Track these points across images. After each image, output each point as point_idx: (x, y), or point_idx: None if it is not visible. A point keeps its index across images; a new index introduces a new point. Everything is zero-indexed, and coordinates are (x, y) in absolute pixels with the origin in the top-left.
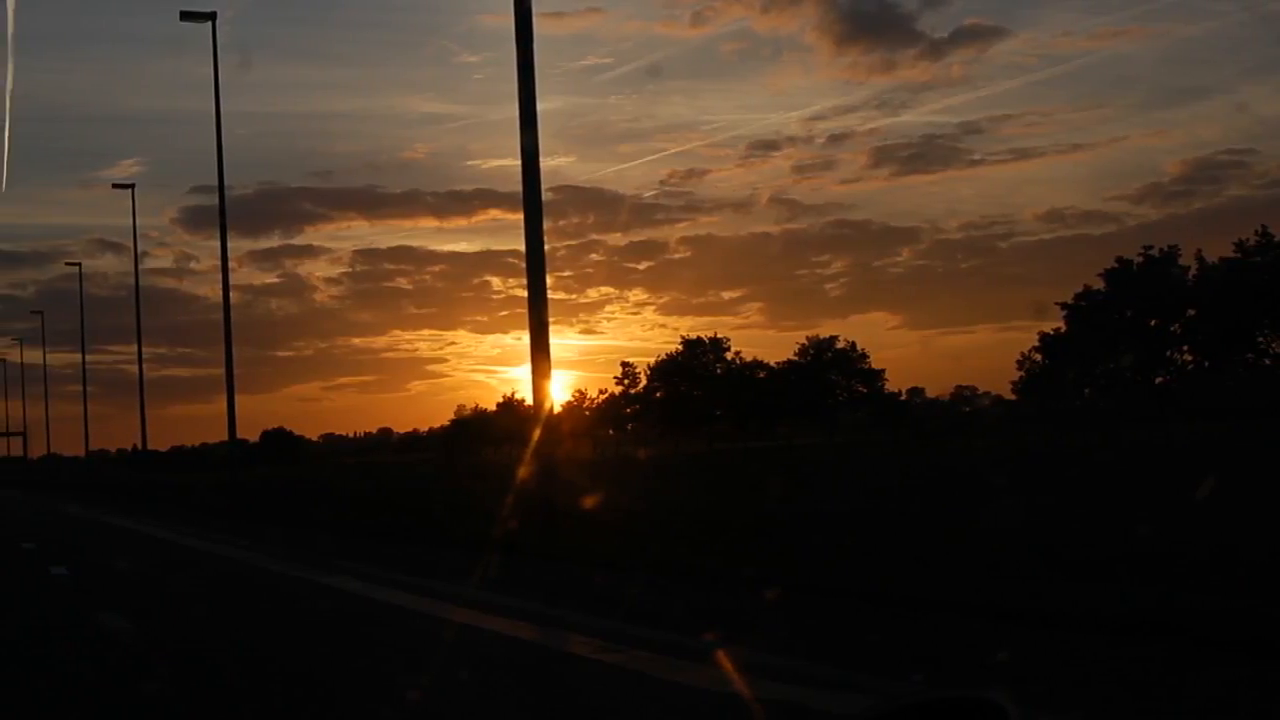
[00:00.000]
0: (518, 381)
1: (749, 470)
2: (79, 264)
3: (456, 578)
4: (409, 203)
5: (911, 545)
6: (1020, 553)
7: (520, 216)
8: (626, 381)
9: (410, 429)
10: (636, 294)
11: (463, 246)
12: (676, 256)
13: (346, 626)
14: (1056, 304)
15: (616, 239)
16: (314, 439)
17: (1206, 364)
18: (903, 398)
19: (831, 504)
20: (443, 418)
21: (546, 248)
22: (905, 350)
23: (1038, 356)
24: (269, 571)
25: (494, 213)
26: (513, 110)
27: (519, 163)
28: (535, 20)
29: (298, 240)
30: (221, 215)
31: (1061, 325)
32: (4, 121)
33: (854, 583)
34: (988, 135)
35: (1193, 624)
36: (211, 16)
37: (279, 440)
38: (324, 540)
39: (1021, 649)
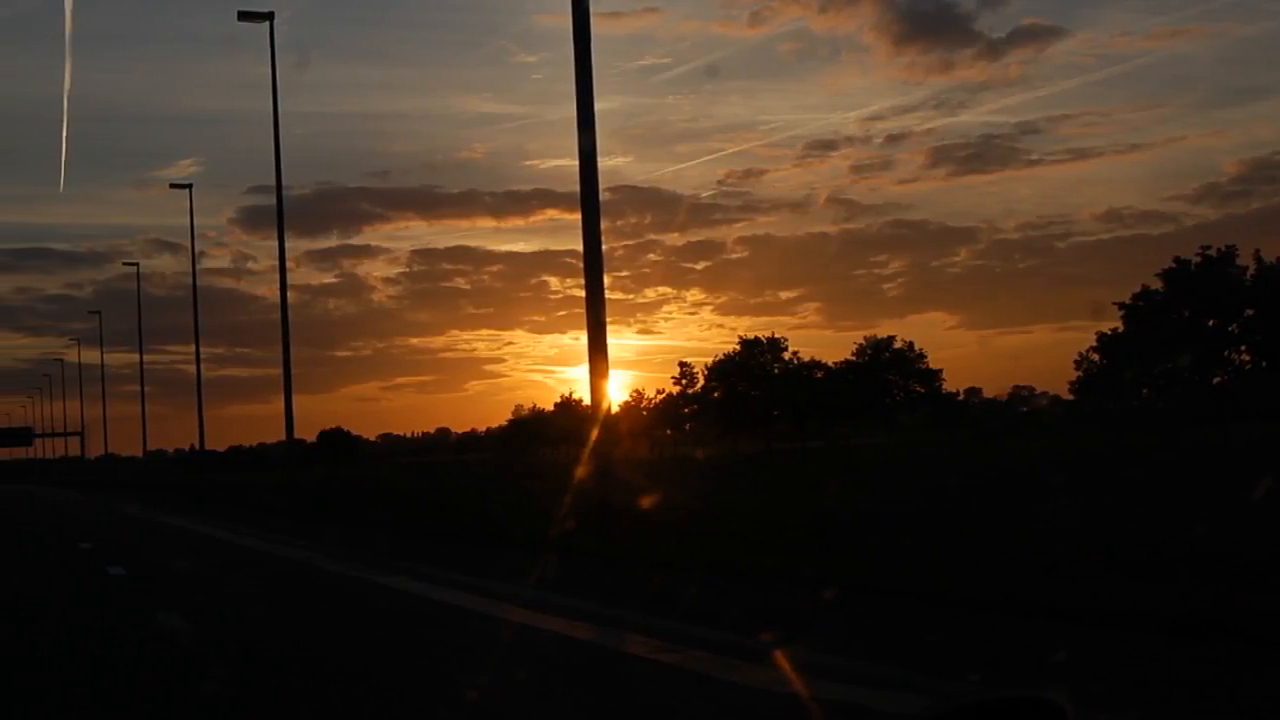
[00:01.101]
0: (575, 381)
1: (806, 470)
2: (136, 264)
3: (514, 578)
4: (466, 203)
5: (969, 545)
6: (1078, 553)
7: (578, 216)
8: (684, 381)
9: (468, 429)
10: (694, 294)
11: (520, 246)
12: (734, 256)
13: (404, 626)
14: (1114, 304)
15: (674, 239)
16: (372, 439)
17: (1264, 364)
18: (960, 398)
19: (889, 504)
20: (500, 418)
21: (604, 248)
22: (963, 350)
23: (1095, 356)
24: (327, 571)
25: (551, 213)
26: (570, 110)
27: (576, 163)
28: (593, 20)
29: (355, 240)
30: (279, 215)
31: (1119, 325)
32: (62, 122)
33: (912, 583)
34: (1045, 135)
35: (1250, 624)
36: (269, 16)
37: (337, 440)
38: (382, 540)
39: (1079, 649)
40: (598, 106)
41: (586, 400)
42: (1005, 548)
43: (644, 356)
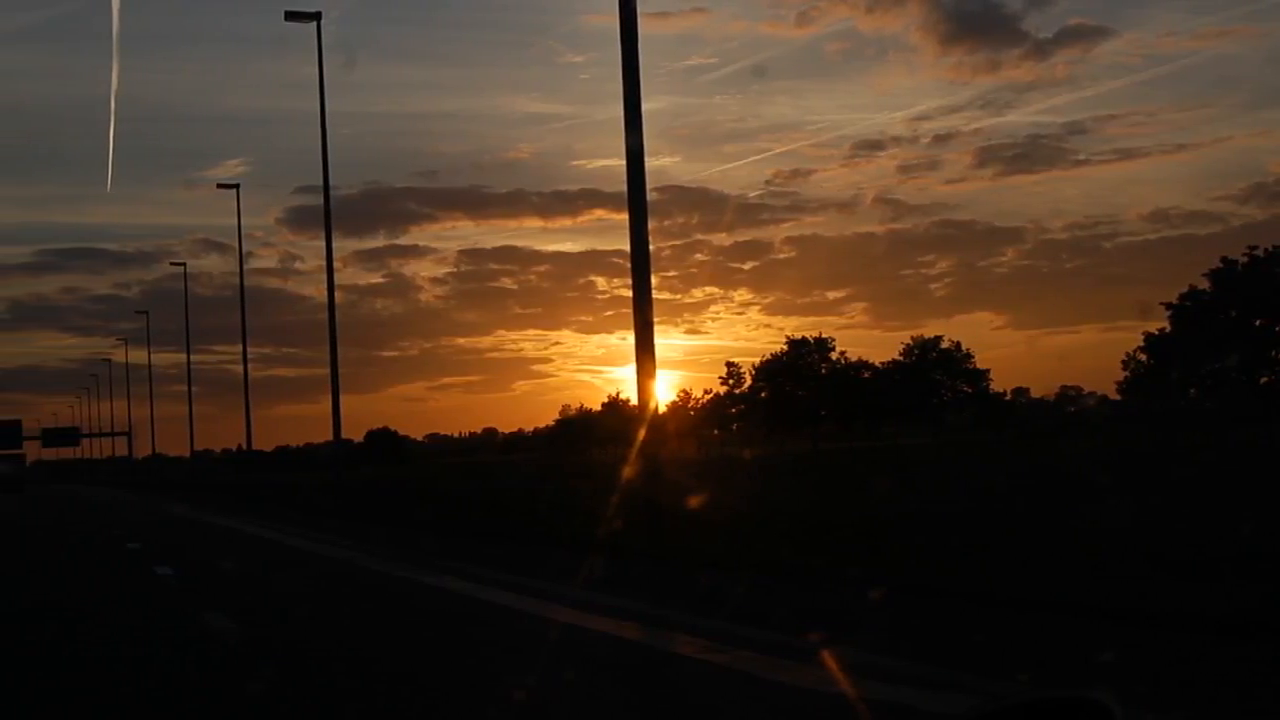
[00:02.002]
0: (622, 381)
1: (854, 470)
2: (184, 264)
3: (562, 578)
4: (514, 203)
5: (1016, 545)
6: (1125, 553)
7: (625, 216)
8: (731, 381)
9: (515, 429)
10: (741, 294)
11: (568, 246)
12: (781, 256)
13: (451, 626)
14: (1161, 304)
15: (721, 239)
16: (419, 439)
17: None
18: (1007, 398)
19: (937, 504)
20: (547, 418)
21: (651, 248)
22: (1010, 350)
23: (1143, 357)
24: (373, 571)
25: (599, 213)
26: (617, 110)
27: (624, 163)
28: (640, 20)
29: (402, 240)
30: (326, 215)
31: (1166, 325)
32: (109, 122)
33: (959, 583)
34: (1092, 135)
35: None
36: (316, 16)
37: (384, 440)
38: (428, 540)
39: (1126, 649)
40: (645, 106)
41: (634, 400)
42: (1052, 548)
43: (691, 357)
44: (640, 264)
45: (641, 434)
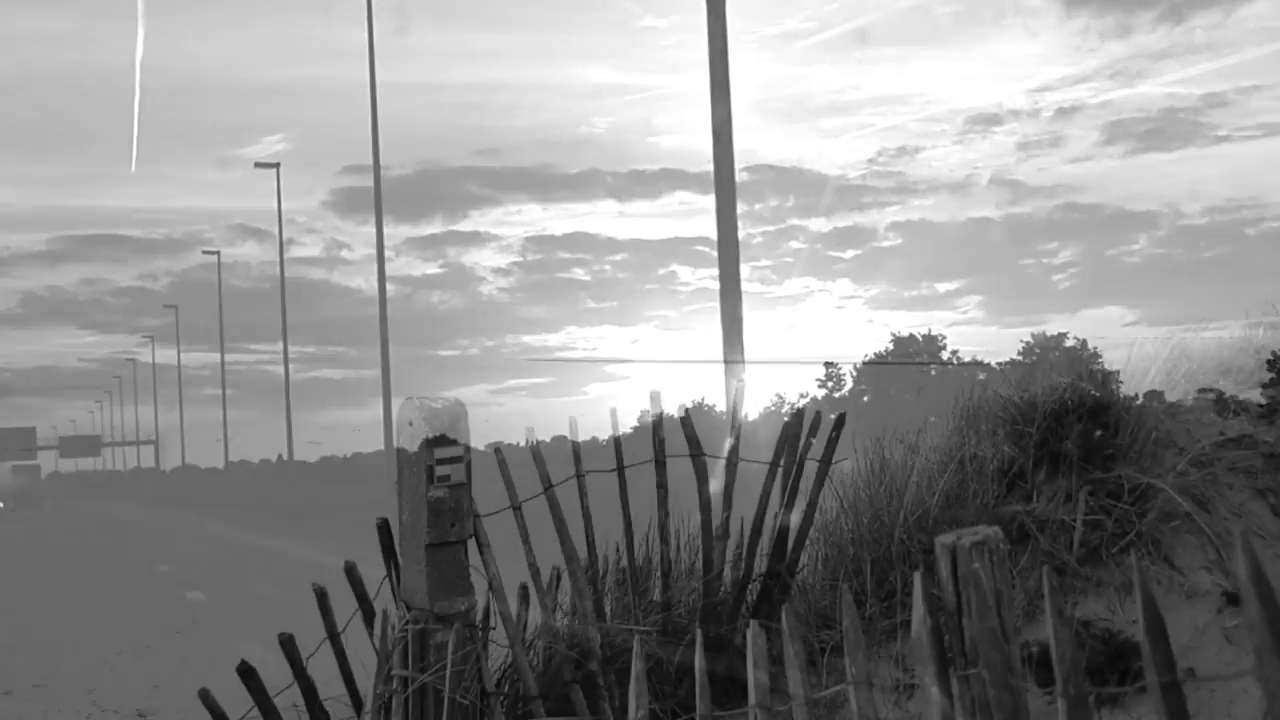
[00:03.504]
0: (708, 383)
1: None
2: (217, 252)
3: None
4: (586, 184)
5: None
6: None
7: (711, 199)
8: (830, 384)
9: (588, 437)
10: (841, 286)
11: (646, 233)
12: (886, 244)
13: None
14: None
15: (819, 224)
16: (480, 448)
17: None
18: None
19: None
20: (624, 424)
21: (740, 234)
22: (1141, 349)
23: None
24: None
25: (682, 195)
26: (703, 80)
27: (709, 139)
28: None
29: (462, 226)
30: (377, 198)
31: None
32: (134, 94)
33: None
34: (1235, 108)
35: None
36: None
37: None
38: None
39: None
40: (733, 76)
41: (720, 405)
42: None
43: (785, 355)
44: (728, 252)
45: (729, 443)
